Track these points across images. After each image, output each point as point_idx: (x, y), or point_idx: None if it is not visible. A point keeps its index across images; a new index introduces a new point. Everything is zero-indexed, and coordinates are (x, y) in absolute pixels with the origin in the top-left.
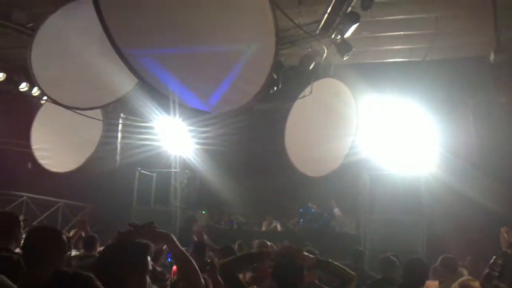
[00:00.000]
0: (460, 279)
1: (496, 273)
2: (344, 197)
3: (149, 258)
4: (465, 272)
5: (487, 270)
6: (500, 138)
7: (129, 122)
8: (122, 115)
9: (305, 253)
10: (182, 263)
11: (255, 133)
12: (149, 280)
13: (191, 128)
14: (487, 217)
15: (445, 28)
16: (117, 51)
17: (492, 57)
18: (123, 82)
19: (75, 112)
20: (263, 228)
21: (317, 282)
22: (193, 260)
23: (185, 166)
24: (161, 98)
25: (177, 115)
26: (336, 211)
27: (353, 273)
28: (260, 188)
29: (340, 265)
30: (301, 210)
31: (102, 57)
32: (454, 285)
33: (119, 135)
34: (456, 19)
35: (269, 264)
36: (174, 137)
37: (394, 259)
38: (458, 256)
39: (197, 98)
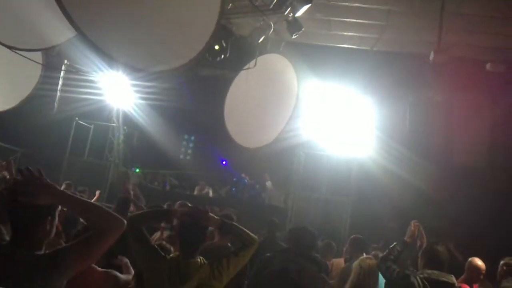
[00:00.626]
0: (361, 257)
1: (392, 257)
2: (278, 172)
3: None
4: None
5: (385, 253)
6: (432, 131)
7: (71, 75)
8: (66, 62)
9: (211, 214)
10: (83, 210)
11: (200, 97)
12: None
13: (135, 82)
14: (418, 198)
15: (395, 22)
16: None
17: (432, 56)
18: (62, 29)
19: (15, 51)
20: (195, 193)
21: (229, 244)
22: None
23: (126, 121)
24: (94, 51)
25: (121, 70)
26: (268, 184)
27: (255, 237)
28: (197, 152)
29: (244, 229)
30: (234, 179)
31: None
32: (355, 262)
33: (60, 82)
34: (406, 15)
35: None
36: (117, 91)
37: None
38: (376, 238)
39: (134, 57)
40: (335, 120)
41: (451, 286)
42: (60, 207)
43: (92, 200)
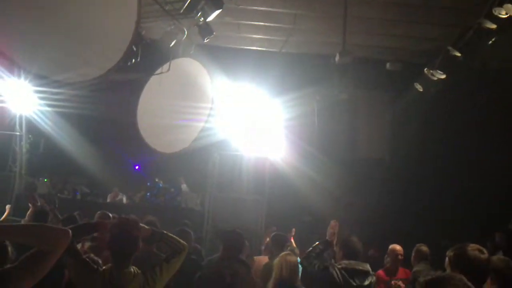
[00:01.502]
0: (282, 253)
1: (314, 255)
2: (193, 175)
3: None
4: (293, 244)
5: (308, 250)
6: (339, 127)
7: None
8: None
9: (141, 224)
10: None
11: (111, 101)
12: None
13: (40, 89)
14: (325, 196)
15: (301, 25)
16: None
17: (337, 58)
18: None
19: None
20: (108, 200)
21: (155, 250)
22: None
23: (30, 129)
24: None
25: (23, 77)
26: (184, 187)
27: (185, 243)
28: (108, 159)
29: (174, 236)
30: (148, 184)
31: None
32: (276, 259)
33: None
34: (312, 18)
35: (107, 235)
36: (19, 98)
37: None
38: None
39: (49, 67)
40: (248, 121)
41: (366, 273)
42: None
43: (3, 217)
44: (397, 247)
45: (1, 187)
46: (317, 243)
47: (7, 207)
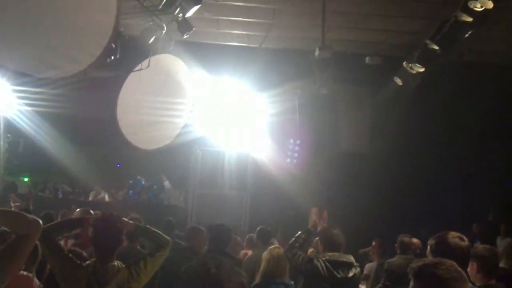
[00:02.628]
0: (270, 247)
1: (297, 245)
2: (175, 171)
3: None
4: (276, 242)
5: (291, 241)
6: (320, 122)
7: None
8: None
9: (124, 219)
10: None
11: (91, 99)
12: None
13: (20, 88)
14: (307, 191)
15: (280, 20)
16: None
17: (317, 53)
18: None
19: None
20: (90, 198)
21: (138, 247)
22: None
23: (9, 129)
24: None
25: (1, 76)
26: (166, 184)
27: (168, 238)
28: (90, 157)
29: (158, 231)
30: (130, 181)
31: None
32: (265, 252)
33: None
34: (291, 14)
35: (90, 230)
36: None
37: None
38: (275, 229)
39: (25, 62)
40: (229, 117)
41: (351, 264)
42: None
43: None
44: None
45: None
46: (299, 232)
47: None
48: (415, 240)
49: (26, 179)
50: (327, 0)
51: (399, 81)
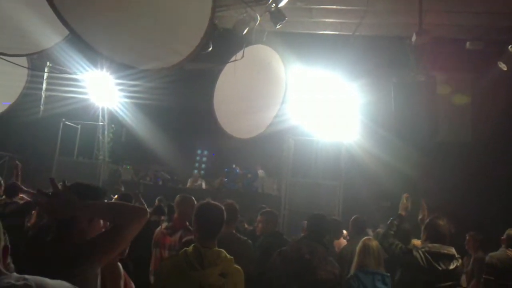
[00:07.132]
0: (363, 239)
1: (392, 232)
2: (269, 160)
3: None
4: (370, 232)
5: (384, 230)
6: (417, 110)
7: (55, 73)
8: (48, 64)
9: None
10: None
11: (185, 91)
12: None
13: (120, 81)
14: (402, 181)
15: (375, 6)
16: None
17: (414, 38)
18: (51, 34)
19: (2, 58)
20: (188, 185)
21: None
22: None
23: (112, 119)
24: (89, 51)
25: (105, 69)
26: (260, 172)
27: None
28: (188, 146)
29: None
30: (226, 169)
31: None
32: (359, 244)
33: (44, 84)
34: None
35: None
36: (101, 90)
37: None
38: (369, 219)
39: (128, 55)
40: (322, 106)
41: (452, 257)
42: None
43: None
44: None
45: (88, 174)
46: (391, 219)
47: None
48: None
49: (128, 167)
50: None
51: (503, 66)
